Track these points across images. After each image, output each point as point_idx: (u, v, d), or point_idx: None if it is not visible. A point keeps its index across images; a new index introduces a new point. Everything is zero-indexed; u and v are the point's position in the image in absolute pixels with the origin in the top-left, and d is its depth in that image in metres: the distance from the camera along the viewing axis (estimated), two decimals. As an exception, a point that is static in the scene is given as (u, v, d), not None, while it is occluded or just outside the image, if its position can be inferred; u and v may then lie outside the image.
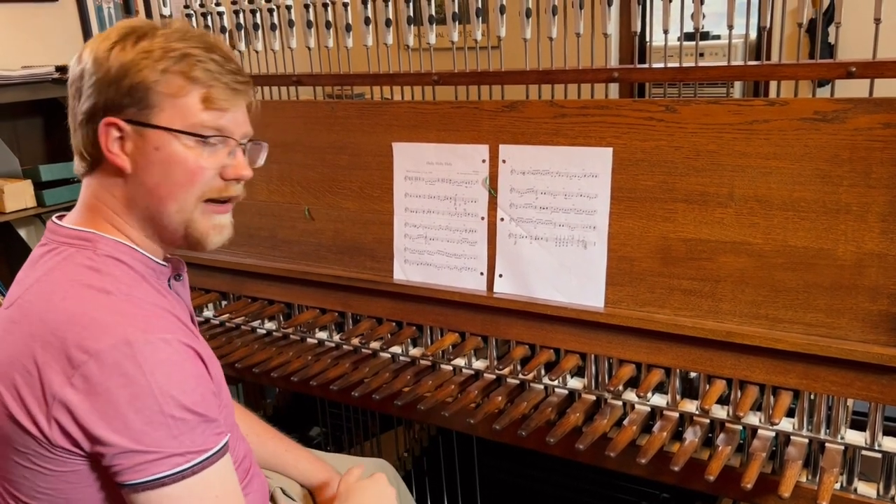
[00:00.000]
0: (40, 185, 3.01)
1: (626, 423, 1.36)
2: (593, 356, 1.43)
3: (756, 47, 2.74)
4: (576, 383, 1.47)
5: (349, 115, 1.71)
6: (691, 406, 1.36)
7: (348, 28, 1.72)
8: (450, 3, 1.57)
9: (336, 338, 1.75)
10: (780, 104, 1.26)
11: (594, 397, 1.44)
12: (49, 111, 3.24)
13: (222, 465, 0.98)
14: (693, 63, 1.38)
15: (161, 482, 0.92)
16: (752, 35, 2.05)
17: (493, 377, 1.54)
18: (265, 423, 1.43)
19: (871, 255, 1.21)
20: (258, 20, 1.83)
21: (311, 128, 1.77)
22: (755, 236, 1.29)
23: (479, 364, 1.57)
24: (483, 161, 1.54)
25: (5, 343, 0.96)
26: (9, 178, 2.99)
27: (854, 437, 1.25)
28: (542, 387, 1.49)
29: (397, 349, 1.66)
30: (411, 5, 1.61)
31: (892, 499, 1.21)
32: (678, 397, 1.37)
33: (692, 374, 1.39)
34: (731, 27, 1.37)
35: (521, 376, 1.49)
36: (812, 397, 1.26)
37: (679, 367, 1.35)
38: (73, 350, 0.90)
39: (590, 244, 1.44)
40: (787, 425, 1.28)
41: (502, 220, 1.53)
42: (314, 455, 1.43)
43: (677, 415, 1.37)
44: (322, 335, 1.76)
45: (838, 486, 1.24)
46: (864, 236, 1.21)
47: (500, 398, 1.47)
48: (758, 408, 1.31)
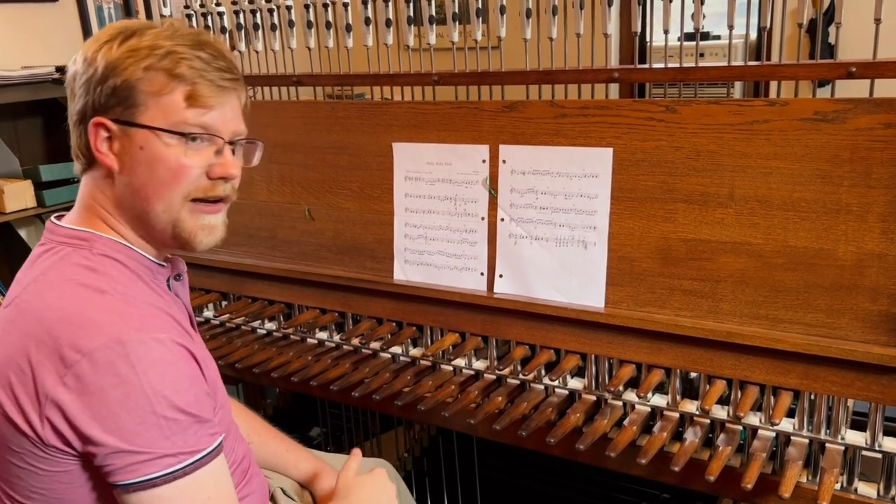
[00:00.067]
0: (40, 186, 3.01)
1: (626, 423, 1.36)
2: (593, 356, 1.43)
3: (756, 47, 2.74)
4: (576, 383, 1.47)
5: (349, 116, 1.71)
6: (691, 406, 1.36)
7: (348, 28, 1.72)
8: (450, 4, 1.57)
9: (336, 338, 1.75)
10: (781, 104, 1.26)
11: (594, 397, 1.44)
12: (49, 111, 3.24)
13: (215, 465, 0.97)
14: (693, 63, 1.38)
15: (153, 483, 0.91)
16: (752, 35, 2.05)
17: (494, 377, 1.54)
18: (266, 423, 1.43)
19: (872, 256, 1.21)
20: (258, 20, 1.83)
21: (311, 128, 1.77)
22: (755, 236, 1.29)
23: (479, 364, 1.57)
24: (483, 161, 1.54)
25: (2, 342, 0.96)
26: (9, 179, 3.00)
27: (854, 437, 1.25)
28: (542, 387, 1.49)
29: (397, 349, 1.66)
30: (411, 5, 1.61)
31: (893, 499, 1.21)
32: (678, 397, 1.37)
33: (692, 375, 1.39)
34: (731, 27, 1.37)
35: (521, 376, 1.49)
36: (812, 397, 1.26)
37: (679, 368, 1.35)
38: (66, 349, 0.90)
39: (590, 244, 1.44)
40: (787, 425, 1.28)
41: (502, 220, 1.53)
42: (315, 455, 1.43)
43: (677, 415, 1.37)
44: (322, 335, 1.76)
45: (839, 486, 1.24)
46: (864, 236, 1.21)
47: (501, 398, 1.47)
48: (758, 408, 1.30)
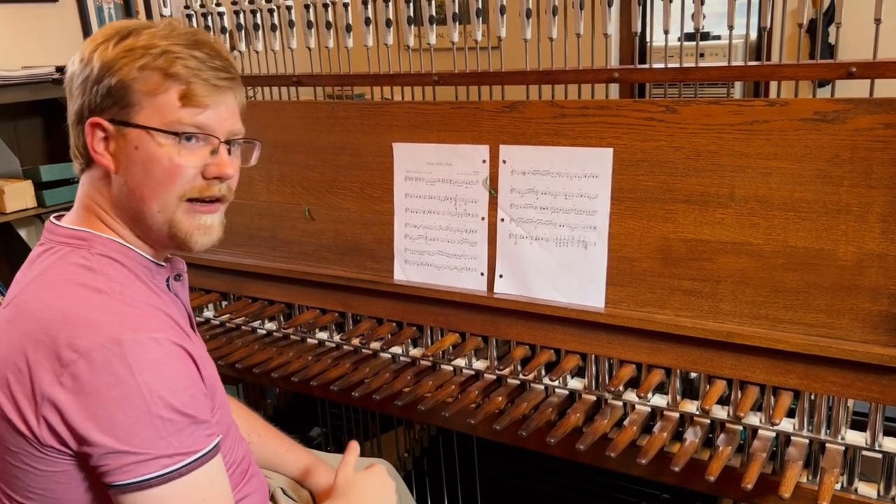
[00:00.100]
0: (41, 186, 3.02)
1: (626, 423, 1.36)
2: (594, 356, 1.43)
3: (756, 48, 2.74)
4: (576, 384, 1.47)
5: (349, 116, 1.71)
6: (692, 406, 1.36)
7: (349, 28, 1.72)
8: (450, 4, 1.57)
9: (336, 338, 1.75)
10: (781, 104, 1.26)
11: (594, 398, 1.44)
12: (49, 111, 3.24)
13: (212, 467, 0.97)
14: (693, 63, 1.38)
15: (148, 483, 0.91)
16: (752, 35, 2.05)
17: (494, 377, 1.54)
18: (266, 423, 1.43)
19: (872, 256, 1.21)
20: (258, 20, 1.83)
21: (311, 128, 1.77)
22: (756, 237, 1.29)
23: (479, 364, 1.57)
24: (483, 161, 1.54)
25: (1, 342, 0.96)
26: (9, 179, 3.00)
27: (854, 437, 1.25)
28: (542, 387, 1.49)
29: (398, 349, 1.66)
30: (412, 6, 1.61)
31: (893, 499, 1.21)
32: (678, 398, 1.37)
33: (692, 375, 1.39)
34: (731, 27, 1.37)
35: (521, 377, 1.49)
36: (812, 398, 1.26)
37: (679, 368, 1.35)
38: (63, 349, 0.90)
39: (590, 244, 1.44)
40: (787, 426, 1.28)
41: (503, 220, 1.53)
42: (315, 455, 1.43)
43: (678, 415, 1.37)
44: (322, 335, 1.76)
45: (839, 486, 1.24)
46: (864, 237, 1.21)
47: (501, 398, 1.47)
48: (758, 408, 1.30)
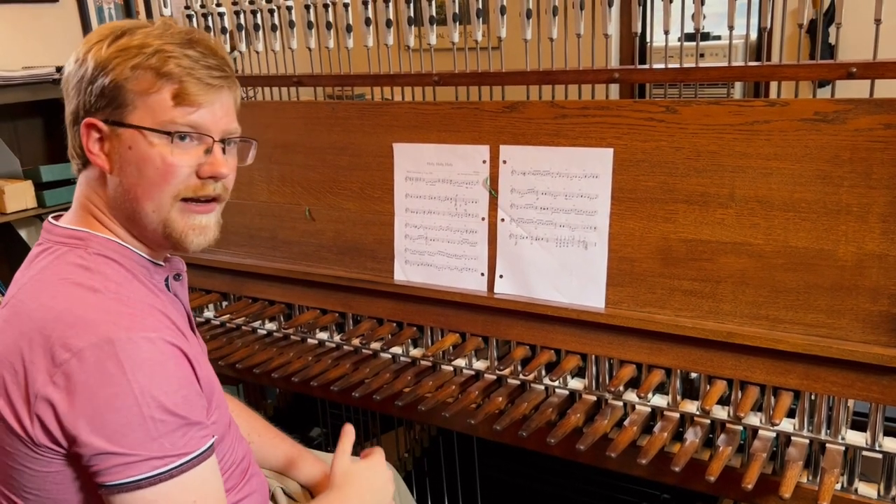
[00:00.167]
0: (41, 186, 3.01)
1: (626, 423, 1.36)
2: (594, 357, 1.43)
3: (756, 48, 2.74)
4: (576, 384, 1.47)
5: (350, 116, 1.71)
6: (692, 406, 1.36)
7: (349, 29, 1.72)
8: (450, 4, 1.57)
9: (337, 338, 1.75)
10: (781, 105, 1.26)
11: (595, 398, 1.44)
12: (50, 112, 3.24)
13: (204, 469, 0.96)
14: (693, 64, 1.38)
15: (137, 485, 0.90)
16: (752, 36, 2.05)
17: (494, 378, 1.54)
18: (267, 423, 1.43)
19: (872, 256, 1.21)
20: (259, 21, 1.83)
21: (311, 128, 1.77)
22: (756, 237, 1.29)
23: (479, 365, 1.57)
24: (484, 162, 1.54)
25: None
26: (9, 179, 3.00)
27: (855, 437, 1.25)
28: (542, 387, 1.49)
29: (398, 350, 1.66)
30: (412, 6, 1.61)
31: (893, 499, 1.21)
32: (679, 398, 1.37)
33: (693, 375, 1.39)
34: (731, 28, 1.37)
35: (521, 377, 1.49)
36: (813, 398, 1.26)
37: (680, 368, 1.35)
38: (57, 348, 0.90)
39: (590, 245, 1.44)
40: (787, 426, 1.28)
41: (503, 220, 1.53)
42: (315, 455, 1.43)
43: (678, 415, 1.37)
44: (323, 336, 1.76)
45: (839, 486, 1.24)
46: (864, 237, 1.21)
47: (501, 399, 1.47)
48: (758, 408, 1.31)
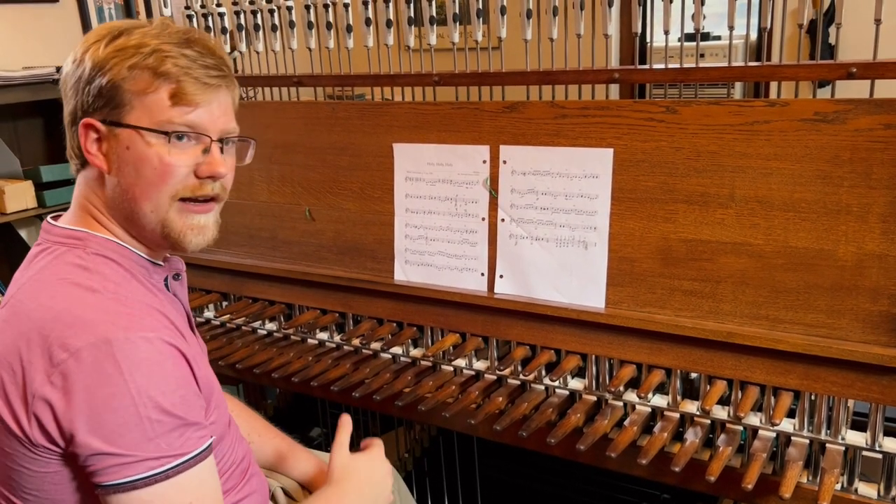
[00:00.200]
0: (41, 186, 3.02)
1: (626, 423, 1.36)
2: (594, 357, 1.43)
3: (756, 48, 2.74)
4: (576, 384, 1.47)
5: (350, 116, 1.71)
6: (692, 407, 1.36)
7: (349, 29, 1.72)
8: (450, 4, 1.57)
9: (337, 338, 1.75)
10: (781, 105, 1.26)
11: (595, 398, 1.44)
12: (50, 112, 3.25)
13: (201, 469, 0.95)
14: (693, 64, 1.38)
15: (133, 485, 0.90)
16: (752, 36, 2.05)
17: (494, 378, 1.54)
18: (267, 423, 1.43)
19: (872, 256, 1.21)
20: (259, 21, 1.83)
21: (311, 129, 1.77)
22: (756, 237, 1.29)
23: (479, 365, 1.57)
24: (484, 162, 1.54)
25: None
26: (9, 179, 3.00)
27: (855, 437, 1.25)
28: (542, 387, 1.49)
29: (398, 350, 1.66)
30: (412, 6, 1.61)
31: (893, 499, 1.21)
32: (679, 398, 1.37)
33: (693, 375, 1.39)
34: (731, 28, 1.37)
35: (521, 377, 1.49)
36: (813, 398, 1.26)
37: (680, 368, 1.35)
38: (54, 348, 0.90)
39: (590, 245, 1.44)
40: (787, 426, 1.28)
41: (503, 220, 1.53)
42: (315, 455, 1.43)
43: (678, 415, 1.37)
44: (323, 336, 1.76)
45: (839, 486, 1.24)
46: (864, 237, 1.21)
47: (501, 399, 1.47)
48: (758, 408, 1.31)
